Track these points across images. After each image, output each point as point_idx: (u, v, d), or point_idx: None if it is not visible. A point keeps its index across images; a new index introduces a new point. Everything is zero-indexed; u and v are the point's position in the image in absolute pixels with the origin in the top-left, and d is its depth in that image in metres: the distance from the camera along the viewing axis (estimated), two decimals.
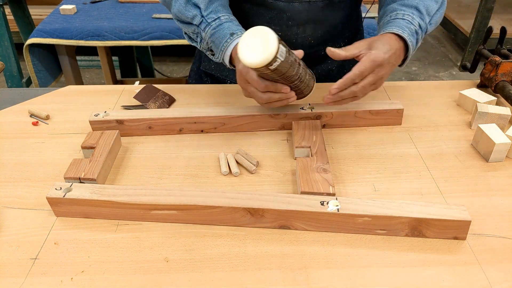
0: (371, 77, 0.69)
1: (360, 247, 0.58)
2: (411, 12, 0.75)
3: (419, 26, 0.75)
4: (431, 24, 0.78)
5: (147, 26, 1.80)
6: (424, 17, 0.76)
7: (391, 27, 0.74)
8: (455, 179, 0.69)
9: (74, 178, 0.66)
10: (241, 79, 0.71)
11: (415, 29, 0.74)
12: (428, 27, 0.77)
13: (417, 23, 0.75)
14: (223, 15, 0.76)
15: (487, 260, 0.56)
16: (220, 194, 0.60)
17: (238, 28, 0.76)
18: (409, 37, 0.73)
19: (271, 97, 0.69)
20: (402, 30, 0.73)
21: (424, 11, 0.76)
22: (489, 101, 0.85)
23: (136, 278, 0.54)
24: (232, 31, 0.75)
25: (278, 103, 0.71)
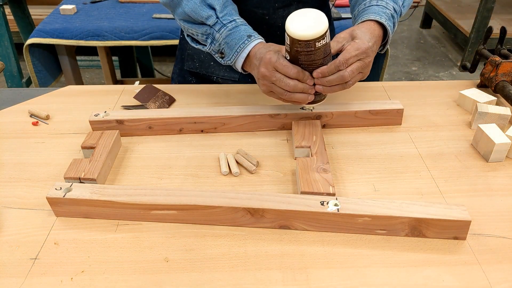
0: (359, 63, 0.68)
1: (360, 247, 0.58)
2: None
3: (394, 10, 0.75)
4: (404, 7, 0.78)
5: (147, 26, 1.80)
6: (397, 0, 0.77)
7: (368, 14, 0.74)
8: (455, 179, 0.69)
9: (74, 178, 0.66)
10: (268, 68, 0.70)
11: (390, 14, 0.75)
12: (402, 10, 0.78)
13: (392, 7, 0.75)
14: (238, 19, 0.77)
15: (487, 260, 0.56)
16: (220, 194, 0.60)
17: (255, 32, 0.76)
18: (387, 22, 0.73)
19: (296, 85, 0.69)
20: (380, 16, 0.73)
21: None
22: (489, 101, 0.85)
23: (136, 278, 0.54)
24: (249, 33, 0.75)
25: (299, 96, 0.70)
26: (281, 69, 0.68)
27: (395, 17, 0.76)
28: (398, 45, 3.27)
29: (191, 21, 0.79)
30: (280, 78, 0.69)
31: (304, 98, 0.71)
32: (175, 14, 0.81)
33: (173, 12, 0.82)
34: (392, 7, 0.75)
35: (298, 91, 0.70)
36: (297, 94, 0.70)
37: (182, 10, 0.78)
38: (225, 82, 1.00)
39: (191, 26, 0.79)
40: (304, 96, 0.70)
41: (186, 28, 0.81)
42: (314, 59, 0.66)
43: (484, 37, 0.94)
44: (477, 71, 0.98)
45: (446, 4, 3.24)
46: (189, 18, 0.78)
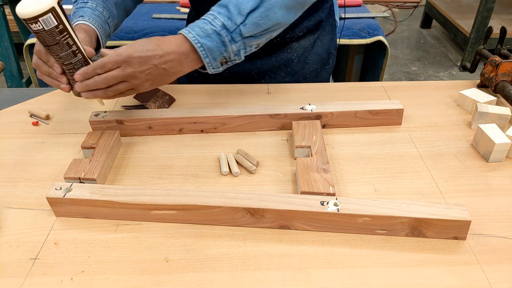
0: (117, 72, 0.65)
1: (360, 247, 0.58)
2: (217, 11, 0.69)
3: (222, 27, 0.68)
4: (246, 25, 0.69)
5: (147, 26, 1.80)
6: (233, 16, 0.68)
7: (186, 28, 0.69)
8: (455, 179, 0.69)
9: (74, 178, 0.66)
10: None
11: (213, 30, 0.68)
12: (242, 28, 0.69)
13: (220, 23, 0.68)
14: (93, 2, 0.78)
15: (487, 260, 0.56)
16: (220, 194, 0.60)
17: (90, 17, 0.76)
18: (196, 38, 0.67)
19: (39, 65, 0.68)
20: (190, 30, 0.68)
21: (234, 9, 0.68)
22: (489, 101, 0.85)
23: (136, 278, 0.54)
24: (82, 14, 0.76)
25: (47, 79, 0.69)
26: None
27: (224, 35, 0.68)
28: (398, 45, 3.27)
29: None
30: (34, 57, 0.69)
31: (54, 83, 0.69)
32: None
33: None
34: (221, 23, 0.68)
35: (44, 73, 0.69)
36: (45, 77, 0.69)
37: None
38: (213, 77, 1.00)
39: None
40: (53, 82, 0.69)
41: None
42: (46, 44, 0.64)
43: (484, 37, 0.94)
44: (477, 71, 0.98)
45: (446, 4, 3.24)
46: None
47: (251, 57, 0.96)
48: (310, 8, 0.92)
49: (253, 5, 0.69)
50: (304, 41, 0.96)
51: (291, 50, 0.96)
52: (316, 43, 0.98)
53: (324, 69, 1.04)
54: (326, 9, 0.97)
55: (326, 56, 1.01)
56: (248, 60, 0.97)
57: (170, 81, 0.71)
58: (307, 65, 0.99)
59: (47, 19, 0.61)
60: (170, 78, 0.70)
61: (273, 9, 0.70)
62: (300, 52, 0.97)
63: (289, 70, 0.99)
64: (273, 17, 0.71)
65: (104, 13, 0.79)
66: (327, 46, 1.00)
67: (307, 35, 0.96)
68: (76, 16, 0.76)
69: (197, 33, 0.68)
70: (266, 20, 0.70)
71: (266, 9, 0.69)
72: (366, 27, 1.82)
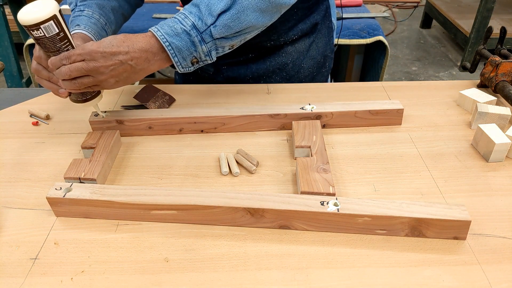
0: (80, 64, 0.65)
1: (360, 247, 0.58)
2: (189, 10, 0.69)
3: (192, 27, 0.67)
4: (216, 26, 0.68)
5: (147, 26, 1.80)
6: (204, 16, 0.67)
7: (156, 25, 0.69)
8: (455, 179, 0.69)
9: (74, 178, 0.66)
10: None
11: (183, 29, 0.67)
12: (212, 29, 0.68)
13: (190, 23, 0.67)
14: (89, 10, 0.79)
15: (487, 260, 0.56)
16: (220, 194, 0.60)
17: (87, 25, 0.76)
18: (165, 37, 0.67)
19: (39, 70, 0.69)
20: (159, 28, 0.68)
21: (205, 10, 0.68)
22: (489, 101, 0.85)
23: (136, 278, 0.54)
24: (78, 23, 0.77)
25: (47, 83, 0.70)
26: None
27: (194, 35, 0.67)
28: (398, 45, 3.27)
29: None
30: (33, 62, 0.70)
31: (52, 87, 0.70)
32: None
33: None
34: (191, 23, 0.67)
35: (43, 78, 0.70)
36: (44, 81, 0.70)
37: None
38: (209, 77, 1.00)
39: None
40: (52, 86, 0.70)
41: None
42: (47, 50, 0.65)
43: (484, 37, 0.94)
44: (477, 71, 0.98)
45: (446, 4, 3.24)
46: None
47: (245, 61, 0.96)
48: (304, 10, 0.92)
49: (225, 6, 0.68)
50: (299, 45, 0.96)
51: (286, 54, 0.96)
52: (312, 46, 0.97)
53: (320, 73, 1.03)
54: (321, 11, 0.96)
55: (322, 60, 1.01)
56: (242, 64, 0.97)
57: (138, 79, 0.70)
58: (302, 69, 0.99)
59: (48, 26, 0.62)
60: (137, 76, 0.69)
61: (245, 12, 0.69)
62: (295, 56, 0.96)
63: (284, 75, 0.98)
64: (245, 20, 0.69)
65: (100, 20, 0.80)
66: (323, 49, 1.00)
67: (302, 38, 0.95)
68: (73, 25, 0.77)
69: (166, 32, 0.67)
70: (238, 23, 0.69)
71: (237, 11, 0.68)
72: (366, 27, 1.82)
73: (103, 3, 0.82)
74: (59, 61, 0.66)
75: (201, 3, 0.68)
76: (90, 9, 0.79)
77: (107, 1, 0.83)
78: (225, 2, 0.68)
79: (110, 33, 0.83)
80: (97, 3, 0.81)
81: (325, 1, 0.98)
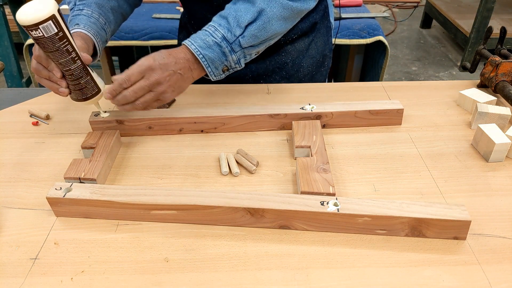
0: (143, 82, 0.68)
1: (360, 247, 0.58)
2: (218, 23, 0.72)
3: (223, 38, 0.71)
4: (244, 37, 0.72)
5: (147, 26, 1.80)
6: (232, 28, 0.71)
7: (188, 39, 0.73)
8: (455, 179, 0.69)
9: (74, 178, 0.66)
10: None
11: (214, 41, 0.71)
12: (240, 39, 0.72)
13: (220, 35, 0.71)
14: (88, 10, 0.79)
15: (487, 260, 0.56)
16: (220, 194, 0.60)
17: (86, 24, 0.77)
18: (198, 49, 0.71)
19: (39, 70, 0.69)
20: (192, 42, 0.72)
21: (233, 22, 0.71)
22: (489, 101, 0.85)
23: (136, 278, 0.54)
24: (78, 22, 0.77)
25: (46, 82, 0.71)
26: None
27: (225, 46, 0.72)
28: (398, 45, 3.27)
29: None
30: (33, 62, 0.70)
31: (53, 87, 0.70)
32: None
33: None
34: (221, 35, 0.71)
35: (43, 77, 0.70)
36: (44, 80, 0.70)
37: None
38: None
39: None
40: (53, 85, 0.70)
41: None
42: (46, 50, 0.65)
43: (484, 37, 0.94)
44: (477, 71, 0.98)
45: (446, 4, 3.24)
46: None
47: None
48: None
49: (251, 17, 0.72)
50: (299, 44, 0.96)
51: (285, 53, 0.96)
52: (311, 45, 0.98)
53: (319, 72, 1.03)
54: (320, 11, 0.97)
55: (321, 59, 1.01)
56: None
57: (186, 87, 0.74)
58: (302, 68, 0.99)
59: (47, 26, 0.61)
60: (185, 84, 0.74)
61: (271, 21, 0.73)
62: (295, 55, 0.97)
63: (283, 74, 0.99)
64: (270, 29, 0.74)
65: (100, 19, 0.80)
66: (321, 49, 1.00)
67: (301, 37, 0.96)
68: (72, 24, 0.78)
69: (199, 45, 0.71)
70: (264, 32, 0.73)
71: (263, 21, 0.72)
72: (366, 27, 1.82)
73: (102, 2, 0.82)
74: (118, 87, 0.68)
75: (229, 15, 0.72)
76: (89, 8, 0.79)
77: (106, 0, 0.83)
78: (252, 13, 0.71)
79: (109, 32, 0.83)
80: (96, 2, 0.81)
81: (324, 1, 0.98)
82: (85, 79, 0.70)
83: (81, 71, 0.69)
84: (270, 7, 0.72)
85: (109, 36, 0.84)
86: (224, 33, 0.71)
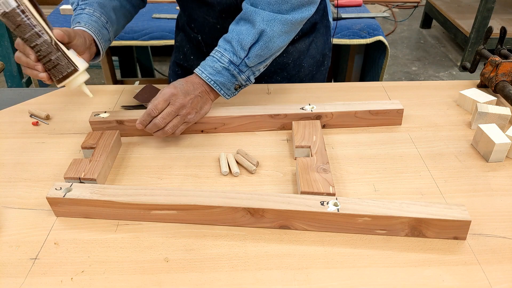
0: (169, 108, 0.73)
1: (360, 247, 0.58)
2: (223, 47, 0.76)
3: (230, 63, 0.75)
4: (249, 58, 0.75)
5: (147, 26, 1.80)
6: (237, 51, 0.75)
7: (198, 67, 0.78)
8: (455, 179, 0.69)
9: (74, 178, 0.66)
10: None
11: (222, 67, 0.75)
12: (246, 61, 0.76)
13: (227, 60, 0.75)
14: (90, 8, 0.80)
15: (487, 260, 0.56)
16: (220, 194, 0.60)
17: (88, 23, 0.77)
18: (209, 77, 0.76)
19: (19, 57, 0.68)
20: (203, 70, 0.76)
21: (237, 45, 0.75)
22: (489, 101, 0.85)
23: (136, 278, 0.54)
24: (79, 20, 0.77)
25: (28, 70, 0.69)
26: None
27: (233, 69, 0.76)
28: (398, 45, 3.27)
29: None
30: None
31: (33, 73, 0.68)
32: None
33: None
34: (228, 60, 0.75)
35: (23, 64, 0.68)
36: (25, 68, 0.69)
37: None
38: None
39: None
40: (33, 72, 0.68)
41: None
42: (12, 28, 0.63)
43: (484, 37, 0.94)
44: (477, 71, 0.98)
45: (446, 4, 3.24)
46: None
47: None
48: None
49: (253, 39, 0.74)
50: (300, 44, 0.96)
51: (287, 54, 0.96)
52: (311, 45, 0.98)
53: (319, 71, 1.04)
54: (320, 11, 0.97)
55: (321, 58, 1.02)
56: None
57: (207, 109, 0.79)
58: (303, 68, 0.99)
59: (8, 2, 0.60)
60: (206, 106, 0.79)
61: (272, 40, 0.75)
62: (296, 55, 0.97)
63: (285, 74, 0.99)
64: (273, 46, 0.76)
65: (101, 18, 0.80)
66: (321, 48, 1.00)
67: (302, 38, 0.96)
68: (74, 23, 0.78)
69: (209, 72, 0.76)
70: (267, 51, 0.76)
71: (265, 41, 0.75)
72: (366, 27, 1.82)
73: (104, 2, 0.82)
74: (147, 117, 0.73)
75: (232, 39, 0.75)
76: (91, 7, 0.80)
77: (109, 0, 0.83)
78: (253, 35, 0.74)
79: (111, 32, 0.83)
80: (98, 2, 0.81)
81: (323, 1, 0.98)
82: (55, 55, 0.66)
83: (49, 46, 0.65)
84: (270, 27, 0.74)
85: (112, 35, 0.83)
86: (230, 57, 0.75)
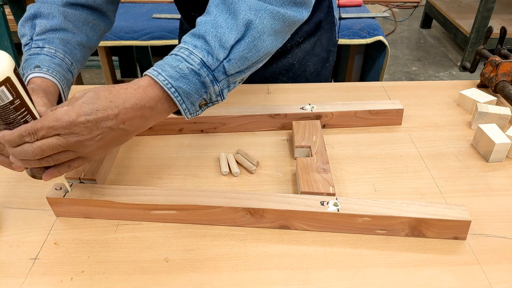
0: (55, 140, 0.49)
1: (360, 247, 0.58)
2: (192, 44, 0.54)
3: (202, 64, 0.53)
4: (230, 60, 0.55)
5: (147, 26, 1.80)
6: (214, 50, 0.54)
7: (153, 67, 0.55)
8: (455, 179, 0.69)
9: (74, 178, 0.66)
10: None
11: (190, 69, 0.53)
12: (225, 64, 0.55)
13: (198, 60, 0.53)
14: (51, 48, 0.64)
15: (487, 260, 0.56)
16: (220, 194, 0.60)
17: (48, 66, 0.62)
18: (169, 81, 0.52)
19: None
20: (159, 71, 0.53)
21: (214, 42, 0.54)
22: (489, 101, 0.85)
23: (136, 278, 0.54)
24: (38, 64, 0.62)
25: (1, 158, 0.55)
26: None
27: (205, 74, 0.54)
28: (398, 45, 3.27)
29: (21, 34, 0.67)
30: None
31: (3, 162, 0.55)
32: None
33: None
34: (199, 60, 0.53)
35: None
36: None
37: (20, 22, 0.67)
38: None
39: (21, 38, 0.67)
40: (2, 159, 0.54)
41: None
42: (2, 121, 0.49)
43: (484, 37, 0.94)
44: (477, 71, 0.98)
45: (446, 4, 3.24)
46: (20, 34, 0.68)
47: None
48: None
49: (237, 35, 0.55)
50: (305, 45, 0.96)
51: (292, 55, 0.96)
52: (316, 44, 0.97)
53: (325, 67, 1.03)
54: (324, 9, 0.96)
55: (326, 55, 1.01)
56: None
57: (129, 139, 0.57)
58: (308, 68, 0.99)
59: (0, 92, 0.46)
60: (129, 138, 0.56)
61: (261, 37, 0.56)
62: (301, 56, 0.96)
63: (290, 75, 0.98)
64: (262, 47, 0.57)
65: (65, 59, 0.65)
66: (326, 45, 1.00)
67: (307, 38, 0.96)
68: (31, 66, 0.61)
69: (170, 75, 0.53)
70: (255, 51, 0.57)
71: (253, 38, 0.56)
72: (366, 27, 1.82)
73: (67, 37, 0.66)
74: (18, 138, 0.49)
75: (206, 33, 0.55)
76: (52, 45, 0.64)
77: (72, 34, 0.67)
78: (237, 30, 0.55)
79: (75, 74, 0.69)
80: (60, 37, 0.66)
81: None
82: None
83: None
84: (259, 18, 0.55)
85: (74, 79, 0.69)
86: (203, 56, 0.54)
